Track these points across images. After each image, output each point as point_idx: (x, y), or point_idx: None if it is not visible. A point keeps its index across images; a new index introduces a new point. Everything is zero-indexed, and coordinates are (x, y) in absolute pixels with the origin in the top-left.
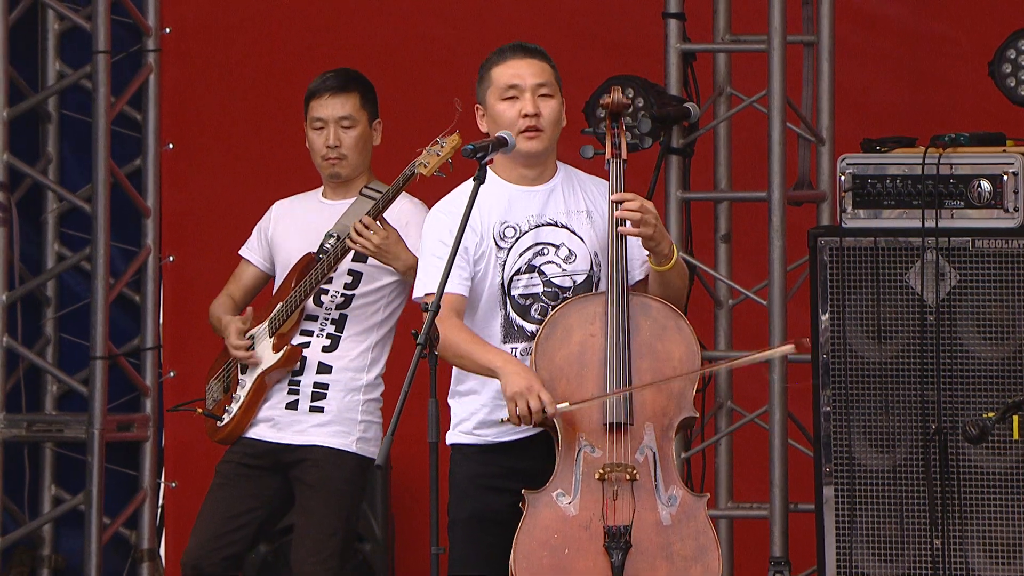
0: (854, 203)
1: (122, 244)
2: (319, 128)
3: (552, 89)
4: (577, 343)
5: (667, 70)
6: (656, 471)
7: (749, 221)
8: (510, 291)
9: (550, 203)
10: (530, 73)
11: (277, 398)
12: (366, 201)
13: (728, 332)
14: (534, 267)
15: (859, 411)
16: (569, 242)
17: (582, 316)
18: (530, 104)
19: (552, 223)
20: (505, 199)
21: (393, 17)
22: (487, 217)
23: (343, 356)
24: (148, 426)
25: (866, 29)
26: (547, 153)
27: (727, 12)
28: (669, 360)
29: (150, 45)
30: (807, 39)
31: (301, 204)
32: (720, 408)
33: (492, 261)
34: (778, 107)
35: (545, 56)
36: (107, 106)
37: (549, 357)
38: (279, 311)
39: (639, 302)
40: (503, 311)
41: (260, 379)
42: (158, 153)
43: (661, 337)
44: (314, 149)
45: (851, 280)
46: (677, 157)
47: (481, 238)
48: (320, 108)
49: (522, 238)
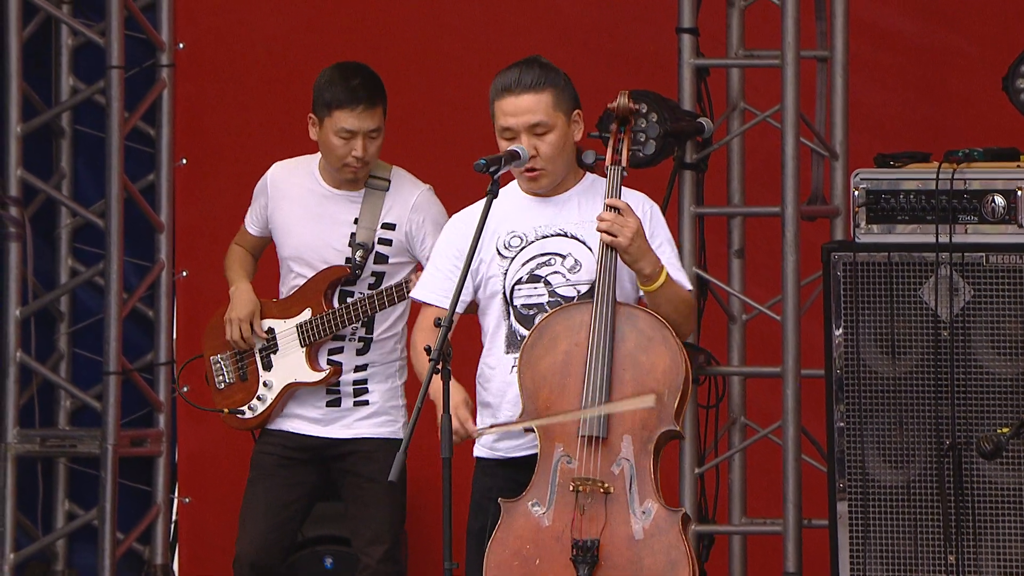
0: (868, 218)
1: (135, 259)
2: (345, 138)
3: (548, 123)
4: (562, 352)
5: (681, 85)
6: (632, 484)
7: (763, 236)
8: (512, 300)
9: (563, 213)
10: (521, 114)
11: (315, 397)
12: (376, 193)
13: (742, 347)
14: (538, 277)
15: (873, 426)
16: (576, 252)
17: (569, 325)
18: (525, 147)
19: (561, 233)
20: (517, 208)
21: (405, 31)
22: (496, 226)
23: (377, 351)
24: (161, 441)
25: (880, 44)
26: (555, 183)
27: (741, 27)
28: (652, 372)
29: (164, 60)
30: (821, 54)
31: (303, 186)
32: (733, 423)
33: (494, 270)
34: (792, 122)
35: (543, 83)
36: (121, 121)
37: (534, 364)
38: (315, 324)
39: (627, 312)
40: (507, 320)
41: (289, 387)
42: (171, 168)
43: (646, 349)
44: (336, 155)
45: (865, 295)
46: (690, 172)
47: (483, 246)
48: (350, 120)
49: (527, 248)
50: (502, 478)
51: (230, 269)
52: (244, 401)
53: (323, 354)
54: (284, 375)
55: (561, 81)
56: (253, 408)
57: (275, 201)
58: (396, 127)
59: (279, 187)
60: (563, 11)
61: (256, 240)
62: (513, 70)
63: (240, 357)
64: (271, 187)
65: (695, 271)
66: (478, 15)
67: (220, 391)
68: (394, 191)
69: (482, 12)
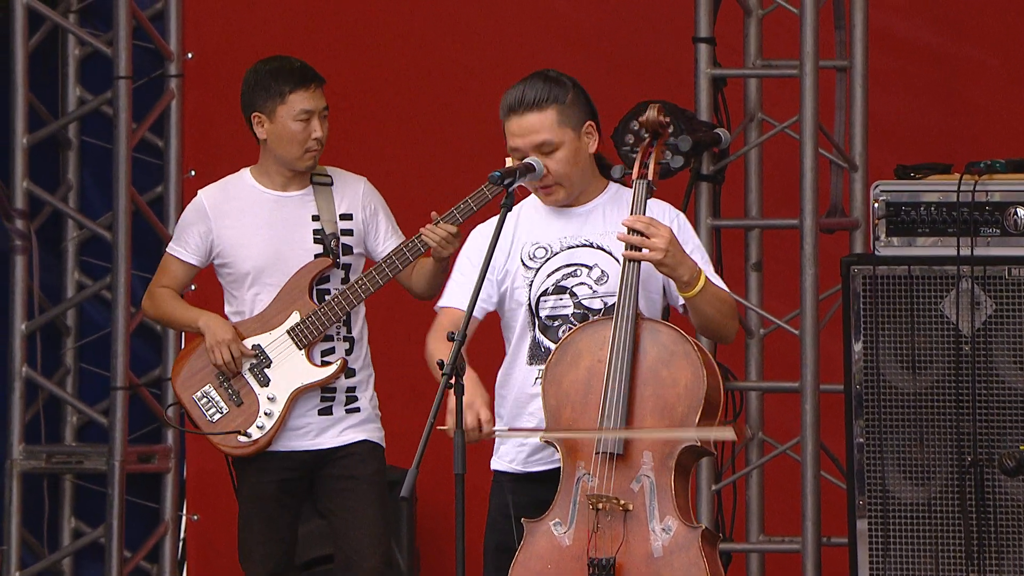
0: (888, 231)
1: (143, 273)
2: (304, 120)
3: (554, 141)
4: (585, 368)
5: (697, 95)
6: (651, 501)
7: (781, 249)
8: (538, 312)
9: (588, 224)
10: (526, 134)
11: (308, 405)
12: (323, 189)
13: (759, 362)
14: (564, 288)
15: (893, 443)
16: (603, 263)
17: (593, 341)
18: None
19: (587, 244)
20: (541, 219)
21: (415, 41)
22: (520, 236)
23: (359, 356)
24: (169, 458)
25: (900, 54)
26: (573, 196)
27: (758, 37)
28: (674, 387)
29: (172, 71)
30: (840, 64)
31: (243, 199)
32: (751, 439)
33: (519, 281)
34: (810, 133)
35: (546, 100)
36: (128, 132)
37: (557, 382)
38: (308, 323)
39: (649, 327)
40: (532, 332)
41: (298, 392)
42: (180, 180)
43: (668, 364)
44: (297, 141)
45: (885, 309)
46: (707, 184)
47: (508, 257)
48: (306, 100)
49: (552, 259)
50: (520, 493)
51: (173, 310)
52: (247, 424)
53: (316, 357)
54: (288, 383)
55: (567, 95)
56: (262, 427)
57: (218, 221)
58: (400, 136)
59: (218, 207)
60: (575, 21)
61: (187, 272)
62: (517, 88)
63: (227, 384)
64: (210, 208)
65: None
66: (486, 24)
67: (215, 424)
68: (339, 184)
69: (490, 20)
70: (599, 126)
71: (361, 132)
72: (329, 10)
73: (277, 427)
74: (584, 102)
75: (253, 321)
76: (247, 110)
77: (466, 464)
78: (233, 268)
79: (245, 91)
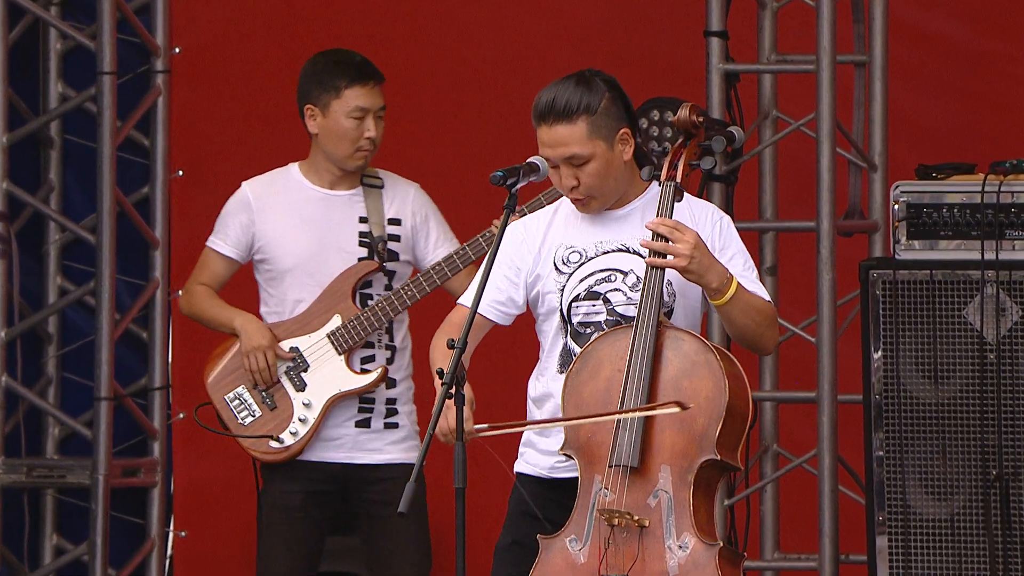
0: (908, 234)
1: (128, 278)
2: (358, 118)
3: (584, 155)
4: (605, 379)
5: (709, 92)
6: (668, 517)
7: (796, 253)
8: (570, 318)
9: (625, 228)
10: (555, 146)
11: (344, 415)
12: (374, 191)
13: (774, 371)
14: (597, 294)
15: (914, 456)
16: (639, 268)
17: (614, 350)
18: (566, 179)
19: (623, 249)
20: (577, 222)
21: (418, 37)
22: (553, 238)
23: (400, 366)
24: (156, 471)
25: (921, 48)
26: (608, 204)
27: (773, 30)
28: (695, 398)
29: (159, 66)
30: (858, 59)
31: (290, 193)
32: (765, 452)
33: (551, 286)
34: (827, 131)
35: (575, 111)
36: (113, 131)
37: (577, 392)
38: (350, 328)
39: (671, 336)
40: (564, 339)
41: (334, 399)
42: (167, 181)
43: (690, 374)
44: (349, 139)
45: (905, 316)
46: (720, 185)
47: (539, 261)
48: (363, 97)
49: (586, 264)
50: (539, 496)
51: (209, 309)
52: (280, 429)
53: (356, 365)
54: (325, 388)
55: (599, 103)
56: (295, 433)
57: (261, 214)
58: (405, 139)
59: (263, 199)
60: (580, 14)
61: (227, 267)
62: (548, 92)
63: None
64: (254, 200)
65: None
66: (490, 21)
67: (246, 428)
68: (390, 188)
69: (494, 17)
70: (636, 129)
71: None
72: (328, 3)
73: (311, 434)
74: (620, 108)
75: (292, 322)
76: (301, 101)
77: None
78: (273, 264)
79: (301, 82)
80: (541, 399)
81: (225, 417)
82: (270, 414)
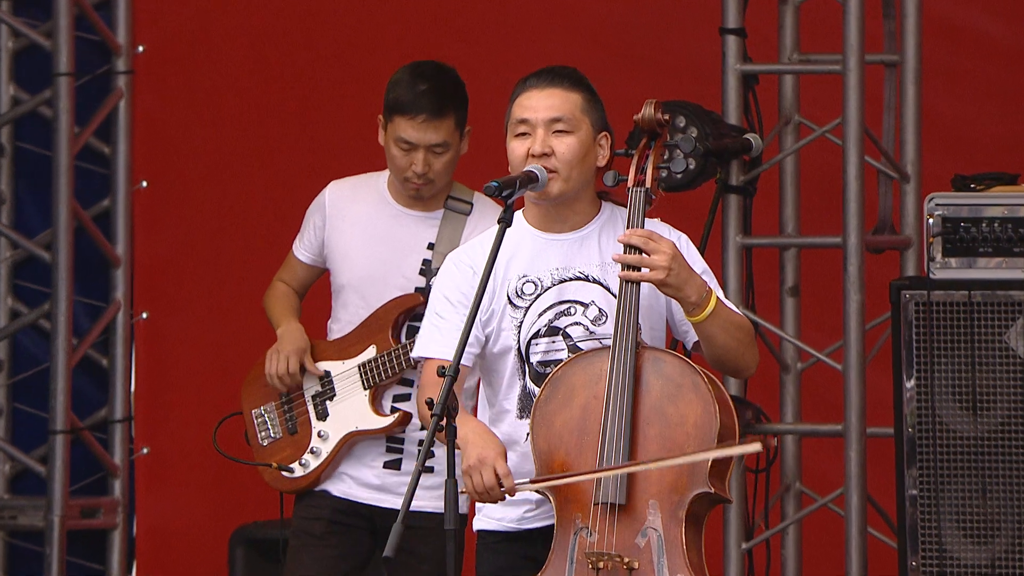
0: (944, 250)
1: (87, 299)
2: (405, 149)
3: (572, 124)
4: (579, 407)
5: (725, 95)
6: (660, 558)
7: (820, 272)
8: (528, 357)
9: (581, 253)
10: (545, 106)
11: (371, 455)
12: (456, 216)
13: (796, 401)
14: (557, 329)
15: (951, 494)
16: (600, 299)
17: (588, 375)
18: (539, 142)
19: (582, 277)
20: (528, 248)
21: (406, 33)
22: (503, 270)
23: None
24: (117, 512)
25: (958, 47)
26: (567, 197)
27: (795, 27)
28: (682, 425)
29: (120, 66)
30: (889, 59)
31: (369, 204)
32: (787, 490)
33: (506, 322)
34: (855, 138)
35: (574, 83)
36: (70, 137)
37: (548, 423)
38: (381, 362)
39: (651, 357)
40: (521, 380)
41: (351, 436)
42: (129, 192)
43: (674, 398)
44: (396, 166)
45: (941, 340)
46: (736, 197)
47: (493, 294)
48: (409, 130)
49: (543, 295)
50: (513, 555)
51: (272, 309)
52: (294, 457)
53: (387, 400)
54: (343, 423)
55: (593, 94)
56: (305, 464)
57: (334, 220)
58: None
59: (339, 205)
60: (587, 11)
61: (306, 271)
62: (542, 69)
63: (289, 407)
64: (329, 205)
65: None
66: (487, 17)
67: (264, 448)
68: (477, 216)
69: (491, 13)
70: (613, 147)
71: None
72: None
73: (323, 468)
74: (604, 113)
75: (334, 344)
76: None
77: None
78: (334, 277)
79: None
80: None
81: (250, 432)
82: (288, 439)
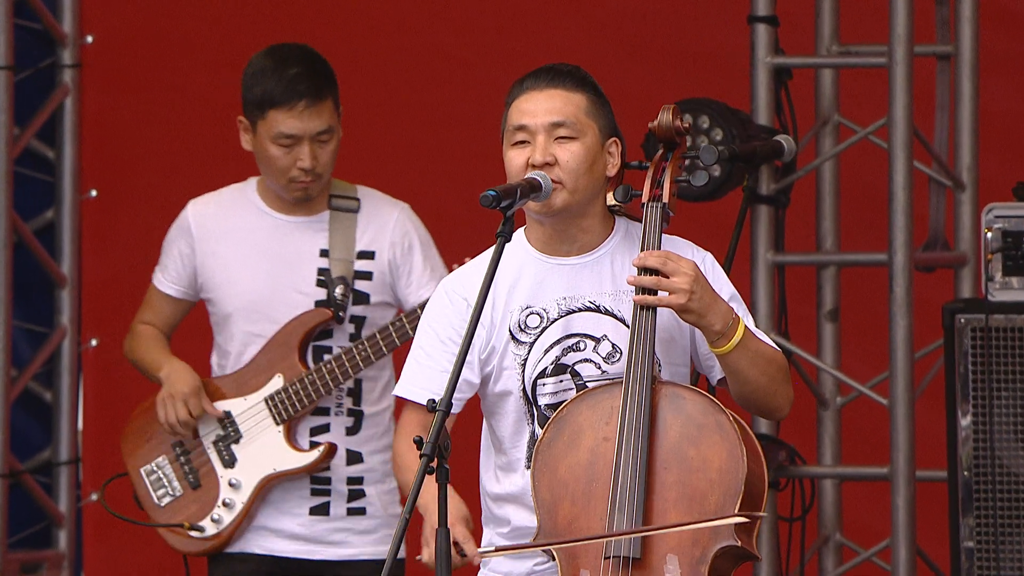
0: (1005, 268)
1: (28, 324)
2: (286, 145)
3: (577, 129)
4: (587, 449)
5: (754, 92)
6: None
7: (863, 293)
8: (535, 400)
9: (591, 279)
10: (545, 109)
11: (294, 501)
12: (345, 216)
13: (836, 440)
14: (565, 367)
15: (1012, 546)
16: (613, 333)
17: (596, 414)
18: (540, 150)
19: (592, 307)
20: (530, 275)
21: (392, 27)
22: (502, 300)
23: (371, 436)
24: (62, 567)
25: (1019, 37)
26: (573, 211)
27: (834, 15)
28: (704, 471)
29: (66, 59)
30: (942, 50)
31: (242, 218)
32: (825, 543)
33: (508, 360)
34: (902, 141)
35: (578, 83)
36: (9, 139)
37: (551, 469)
38: (292, 392)
39: (669, 393)
40: (530, 425)
41: (268, 480)
42: (77, 203)
43: (696, 440)
44: (277, 168)
45: (1001, 372)
46: (767, 207)
47: (492, 328)
48: (289, 122)
49: (549, 329)
50: None
51: (144, 354)
52: (202, 514)
53: (303, 436)
54: (257, 467)
55: (599, 94)
56: (218, 520)
57: (204, 244)
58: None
59: (207, 225)
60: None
61: (173, 306)
62: (541, 68)
63: (186, 458)
64: (196, 227)
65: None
66: (493, 9)
67: (163, 509)
68: (367, 212)
69: (499, 5)
70: (624, 157)
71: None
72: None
73: (239, 522)
74: (613, 117)
75: (229, 380)
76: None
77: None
78: (216, 307)
79: (242, 79)
80: (510, 499)
81: (141, 495)
82: (192, 494)
